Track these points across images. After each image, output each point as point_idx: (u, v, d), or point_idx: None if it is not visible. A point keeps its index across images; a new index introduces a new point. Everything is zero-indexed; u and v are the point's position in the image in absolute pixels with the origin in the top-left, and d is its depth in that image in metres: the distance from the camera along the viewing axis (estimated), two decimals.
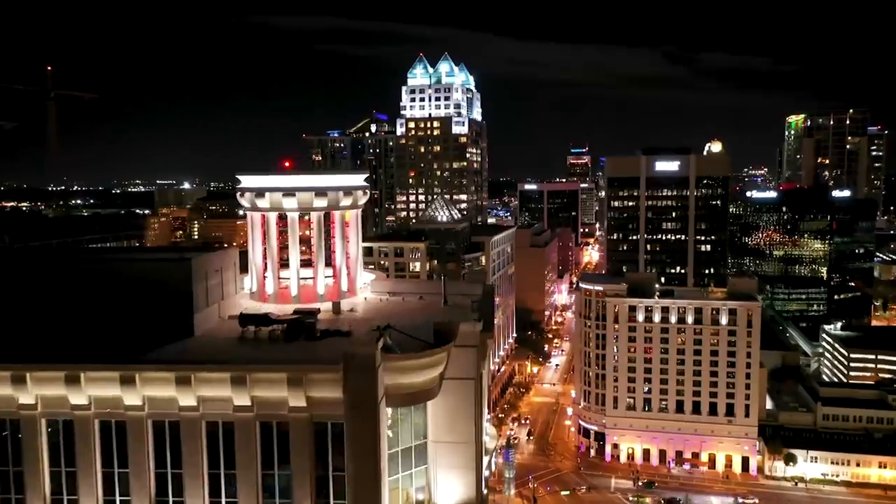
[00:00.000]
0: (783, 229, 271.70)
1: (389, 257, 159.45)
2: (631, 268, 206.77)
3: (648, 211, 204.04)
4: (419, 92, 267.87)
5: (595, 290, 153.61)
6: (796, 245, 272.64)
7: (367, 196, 65.99)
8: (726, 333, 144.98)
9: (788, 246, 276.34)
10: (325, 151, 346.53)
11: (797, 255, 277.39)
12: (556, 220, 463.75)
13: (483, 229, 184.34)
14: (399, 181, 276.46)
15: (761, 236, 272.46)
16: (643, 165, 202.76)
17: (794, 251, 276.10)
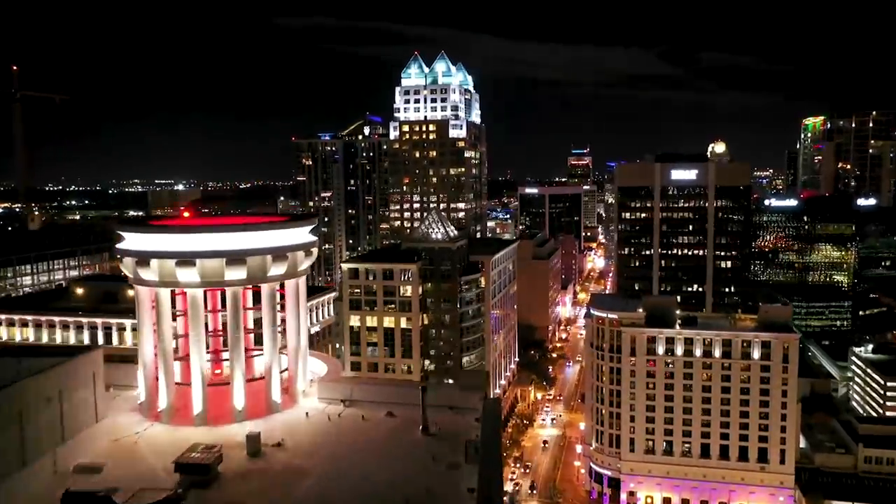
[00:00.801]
0: (804, 239, 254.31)
1: (377, 280, 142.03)
2: (644, 285, 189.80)
3: (663, 223, 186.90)
4: (414, 93, 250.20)
5: (609, 318, 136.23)
6: (817, 255, 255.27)
7: (313, 256, 47.99)
8: (759, 369, 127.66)
9: (808, 255, 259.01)
10: (316, 155, 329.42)
11: (814, 263, 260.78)
12: (558, 224, 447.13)
13: (482, 247, 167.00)
14: (393, 189, 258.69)
15: (780, 246, 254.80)
16: (657, 174, 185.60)
17: (813, 259, 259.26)
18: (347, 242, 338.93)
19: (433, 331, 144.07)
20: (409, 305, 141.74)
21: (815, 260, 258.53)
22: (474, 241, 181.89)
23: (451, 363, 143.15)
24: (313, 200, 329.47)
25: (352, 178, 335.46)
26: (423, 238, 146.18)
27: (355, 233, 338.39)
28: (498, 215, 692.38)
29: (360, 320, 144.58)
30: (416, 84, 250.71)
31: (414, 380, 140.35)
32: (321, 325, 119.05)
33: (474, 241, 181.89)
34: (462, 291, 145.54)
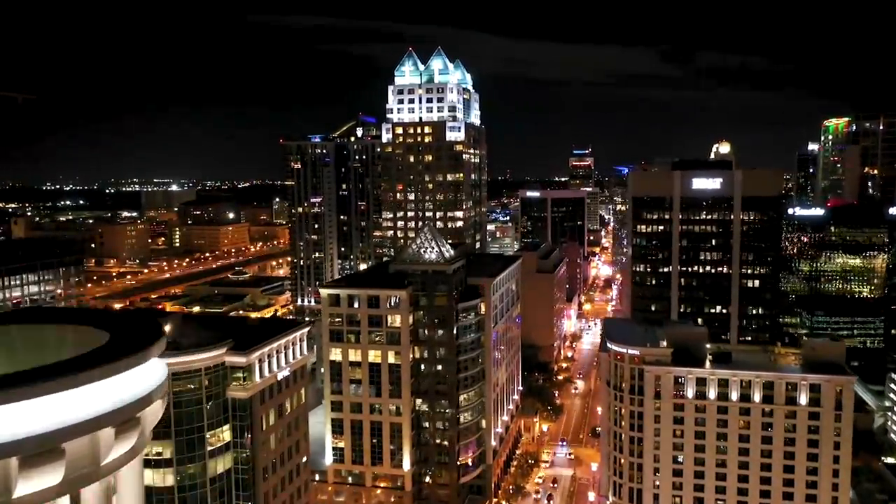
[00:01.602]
0: (829, 248, 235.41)
1: (361, 308, 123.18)
2: (661, 306, 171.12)
3: (683, 238, 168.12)
4: (408, 92, 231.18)
5: (629, 353, 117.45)
6: (843, 265, 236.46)
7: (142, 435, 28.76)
8: (806, 416, 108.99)
9: (833, 264, 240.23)
10: (306, 158, 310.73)
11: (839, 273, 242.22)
12: (561, 228, 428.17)
13: (481, 265, 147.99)
14: (385, 196, 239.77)
15: (805, 257, 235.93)
16: (677, 183, 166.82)
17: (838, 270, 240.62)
18: (339, 250, 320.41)
19: (425, 366, 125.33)
20: (398, 337, 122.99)
21: (841, 270, 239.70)
22: (473, 258, 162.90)
23: (446, 409, 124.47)
24: (302, 206, 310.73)
25: (344, 183, 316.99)
26: (414, 259, 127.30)
27: (347, 240, 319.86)
28: (498, 217, 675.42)
29: (341, 354, 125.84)
30: (411, 83, 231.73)
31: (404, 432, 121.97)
32: (291, 367, 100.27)
33: (473, 258, 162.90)
34: (459, 320, 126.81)
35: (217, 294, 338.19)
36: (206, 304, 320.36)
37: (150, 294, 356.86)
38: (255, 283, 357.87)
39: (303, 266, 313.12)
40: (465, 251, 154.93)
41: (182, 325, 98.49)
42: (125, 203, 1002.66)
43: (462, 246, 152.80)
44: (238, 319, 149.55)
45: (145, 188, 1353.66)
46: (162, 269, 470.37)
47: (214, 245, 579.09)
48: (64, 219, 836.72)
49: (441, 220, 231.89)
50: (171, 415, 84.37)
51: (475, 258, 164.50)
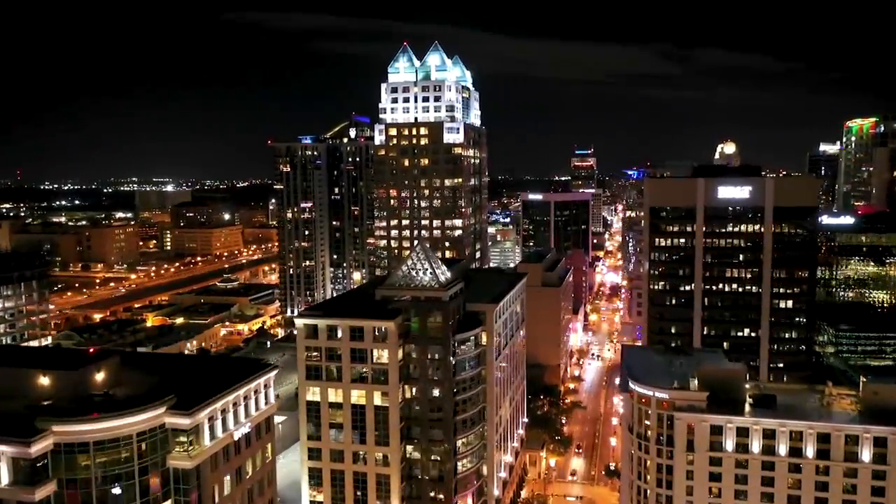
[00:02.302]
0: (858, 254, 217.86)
1: (343, 340, 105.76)
2: (681, 328, 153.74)
3: (707, 253, 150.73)
4: (403, 90, 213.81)
5: (656, 397, 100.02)
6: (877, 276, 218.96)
7: None
8: (869, 476, 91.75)
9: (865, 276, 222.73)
10: (295, 161, 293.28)
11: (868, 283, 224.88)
12: (564, 233, 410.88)
13: (482, 284, 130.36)
14: (378, 202, 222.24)
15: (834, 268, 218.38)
16: (700, 192, 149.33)
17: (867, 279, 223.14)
18: (332, 258, 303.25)
19: (417, 407, 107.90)
20: (386, 375, 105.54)
21: (872, 281, 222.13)
22: (472, 274, 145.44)
23: (442, 457, 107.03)
24: (292, 211, 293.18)
25: (336, 186, 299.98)
26: (404, 283, 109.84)
27: (340, 247, 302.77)
28: (498, 218, 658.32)
29: (320, 393, 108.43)
30: (406, 80, 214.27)
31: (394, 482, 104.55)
32: (253, 421, 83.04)
33: (472, 274, 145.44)
34: (457, 354, 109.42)
35: (203, 304, 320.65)
36: (190, 315, 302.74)
37: (133, 303, 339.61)
38: (243, 291, 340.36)
39: (292, 275, 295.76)
40: (463, 269, 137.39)
41: (120, 370, 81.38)
42: (121, 203, 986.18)
43: (459, 265, 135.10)
44: (194, 359, 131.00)
45: (143, 187, 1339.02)
46: (149, 274, 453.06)
47: (207, 248, 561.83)
48: (57, 220, 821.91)
49: (438, 229, 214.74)
50: (93, 494, 67.28)
51: (475, 275, 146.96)
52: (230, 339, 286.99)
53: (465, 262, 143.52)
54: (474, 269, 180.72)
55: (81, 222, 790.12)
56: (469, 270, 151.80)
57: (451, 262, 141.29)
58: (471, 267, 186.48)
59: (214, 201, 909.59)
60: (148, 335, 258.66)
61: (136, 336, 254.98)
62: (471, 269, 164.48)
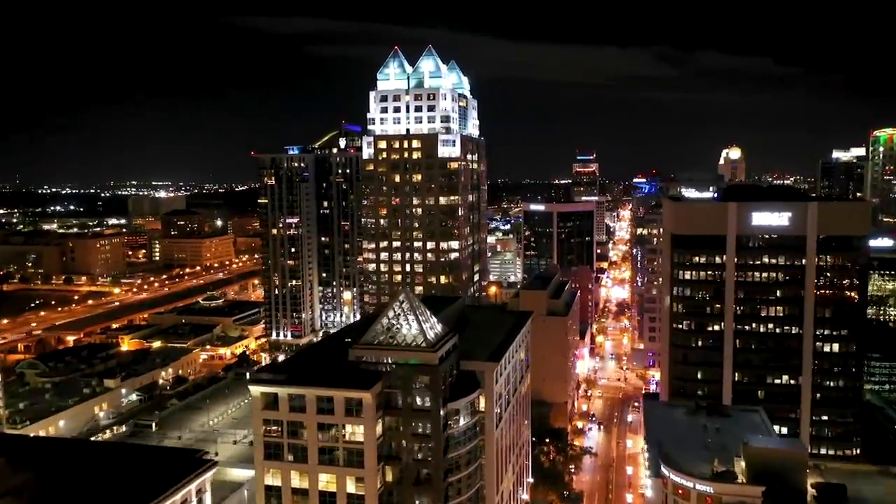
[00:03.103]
0: None
1: (308, 413, 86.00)
2: (709, 374, 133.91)
3: (739, 288, 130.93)
4: (393, 99, 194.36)
5: (697, 490, 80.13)
6: None
7: None
8: None
9: None
10: (281, 173, 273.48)
11: None
12: (567, 245, 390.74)
13: (479, 331, 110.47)
14: (366, 223, 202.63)
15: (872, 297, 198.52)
16: (732, 218, 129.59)
17: None
18: (320, 276, 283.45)
19: (400, 495, 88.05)
20: (361, 455, 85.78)
21: None
22: (469, 313, 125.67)
23: None
24: (277, 227, 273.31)
25: (325, 200, 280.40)
26: (384, 341, 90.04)
27: (329, 264, 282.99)
28: (498, 225, 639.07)
29: (281, 477, 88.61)
30: (396, 88, 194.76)
31: None
32: None
33: (469, 313, 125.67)
34: (449, 426, 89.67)
35: (184, 324, 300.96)
36: (168, 338, 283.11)
37: (111, 323, 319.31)
38: (228, 310, 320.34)
39: (278, 295, 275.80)
40: (457, 311, 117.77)
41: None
42: (116, 209, 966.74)
43: (452, 307, 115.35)
44: (94, 450, 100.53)
45: (142, 191, 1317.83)
46: (132, 288, 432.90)
47: (197, 259, 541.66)
48: (48, 227, 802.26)
49: (432, 252, 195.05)
50: None
51: (472, 313, 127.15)
52: (211, 365, 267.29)
53: (460, 302, 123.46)
54: (472, 306, 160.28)
55: (73, 229, 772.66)
56: (466, 307, 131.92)
57: (444, 301, 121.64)
58: (468, 303, 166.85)
59: (209, 207, 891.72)
60: (120, 362, 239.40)
61: (106, 364, 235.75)
62: (468, 304, 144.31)
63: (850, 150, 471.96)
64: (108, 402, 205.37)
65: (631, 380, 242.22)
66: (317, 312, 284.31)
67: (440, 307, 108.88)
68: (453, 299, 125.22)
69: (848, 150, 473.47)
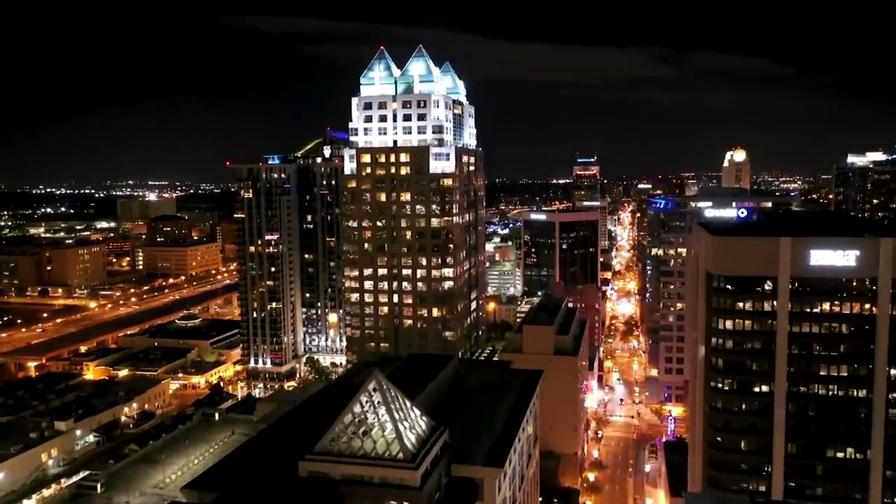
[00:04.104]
0: None
1: None
2: (754, 444, 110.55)
3: (794, 341, 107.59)
4: (378, 106, 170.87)
5: None
6: None
7: None
8: None
9: None
10: (259, 185, 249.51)
11: None
12: (570, 256, 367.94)
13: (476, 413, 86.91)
14: (348, 247, 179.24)
15: None
16: (785, 256, 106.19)
17: None
18: (303, 297, 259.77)
19: None
20: None
21: None
22: (463, 375, 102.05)
23: None
24: (255, 245, 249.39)
25: (309, 213, 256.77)
26: (347, 449, 66.31)
27: (314, 284, 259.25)
28: (496, 230, 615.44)
29: None
30: (382, 94, 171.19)
31: None
32: None
33: (463, 375, 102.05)
34: None
35: (157, 348, 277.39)
36: (139, 364, 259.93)
37: (79, 345, 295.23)
38: (205, 331, 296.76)
39: (256, 318, 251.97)
40: (449, 377, 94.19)
41: None
42: (106, 212, 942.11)
43: (443, 374, 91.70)
44: None
45: (137, 191, 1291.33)
46: (110, 302, 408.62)
47: (181, 268, 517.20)
48: (35, 231, 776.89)
49: (423, 280, 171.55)
50: None
51: (467, 376, 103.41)
52: (183, 395, 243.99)
53: (452, 366, 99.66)
54: (468, 361, 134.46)
55: (60, 233, 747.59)
56: (461, 364, 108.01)
57: (432, 363, 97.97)
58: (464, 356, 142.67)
59: (200, 210, 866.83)
60: (80, 396, 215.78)
61: (63, 399, 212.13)
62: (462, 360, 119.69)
63: (867, 154, 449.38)
64: (59, 447, 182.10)
65: (644, 415, 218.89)
66: (300, 336, 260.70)
67: (427, 376, 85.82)
68: (444, 359, 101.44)
69: (864, 155, 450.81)
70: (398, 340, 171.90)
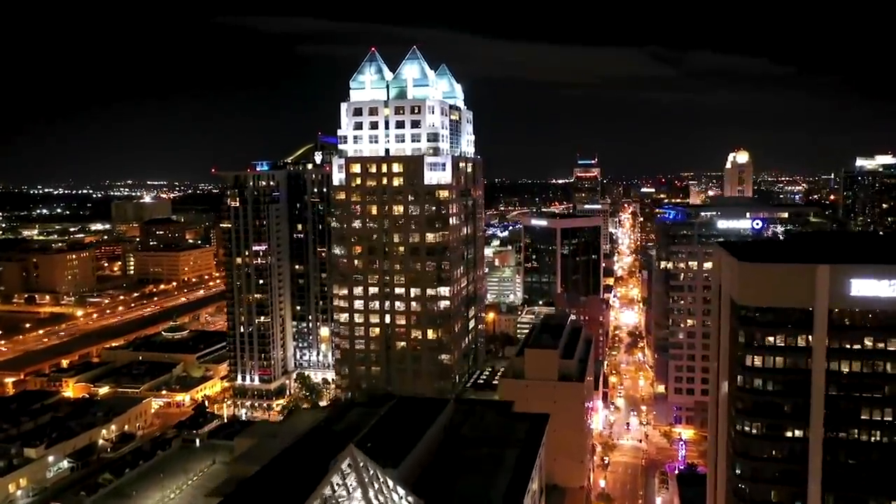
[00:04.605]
0: None
1: None
2: (785, 495, 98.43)
3: (832, 382, 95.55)
4: (369, 113, 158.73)
5: None
6: None
7: None
8: None
9: None
10: (246, 194, 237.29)
11: None
12: (572, 263, 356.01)
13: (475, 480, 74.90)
14: (336, 262, 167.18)
15: None
16: (822, 285, 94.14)
17: None
18: (294, 310, 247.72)
19: None
20: None
21: None
22: (457, 422, 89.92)
23: None
24: (243, 256, 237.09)
25: (299, 223, 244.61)
26: None
27: (304, 296, 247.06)
28: (496, 232, 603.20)
29: None
30: (373, 99, 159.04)
31: None
32: None
33: (457, 422, 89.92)
34: None
35: (141, 363, 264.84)
36: (121, 380, 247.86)
37: (61, 359, 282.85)
38: (192, 343, 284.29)
39: (243, 333, 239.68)
40: (440, 429, 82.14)
41: None
42: (102, 213, 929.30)
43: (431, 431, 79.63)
44: None
45: (136, 191, 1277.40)
46: (97, 310, 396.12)
47: (173, 274, 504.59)
48: (28, 233, 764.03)
49: (417, 300, 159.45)
50: None
51: (463, 424, 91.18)
52: (166, 414, 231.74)
53: (445, 415, 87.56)
54: (464, 406, 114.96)
55: (54, 235, 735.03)
56: (456, 410, 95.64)
57: (422, 410, 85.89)
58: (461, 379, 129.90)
59: (198, 212, 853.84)
60: (56, 417, 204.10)
61: (37, 421, 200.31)
62: (458, 401, 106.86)
63: (876, 157, 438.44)
64: (28, 476, 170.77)
65: (653, 437, 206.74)
66: (290, 351, 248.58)
67: (418, 429, 73.98)
68: (437, 405, 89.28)
69: (873, 158, 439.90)
70: (390, 364, 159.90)
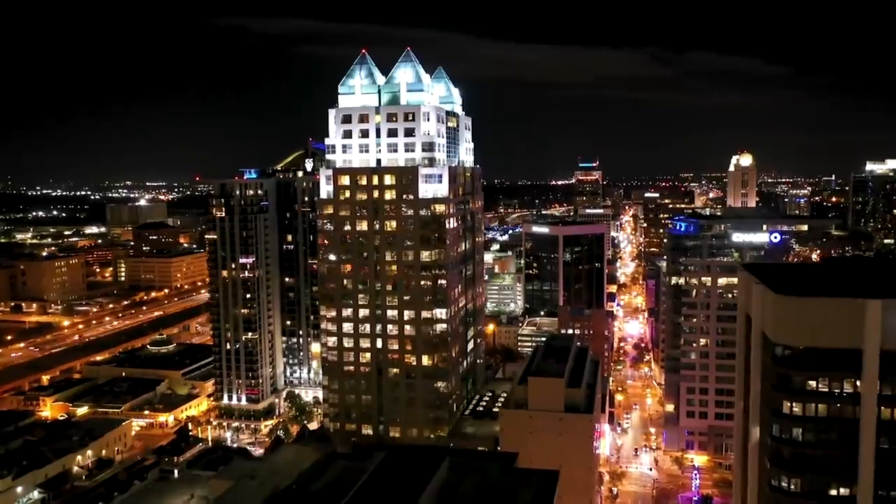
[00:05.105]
0: None
1: None
2: None
3: (882, 433, 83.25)
4: (359, 120, 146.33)
5: None
6: None
7: None
8: None
9: None
10: (233, 203, 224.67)
11: None
12: (574, 271, 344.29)
13: None
14: (324, 282, 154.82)
15: None
16: (872, 322, 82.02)
17: None
18: (283, 325, 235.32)
19: None
20: None
21: None
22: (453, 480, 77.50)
23: None
24: (229, 269, 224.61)
25: (288, 233, 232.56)
26: None
27: (295, 311, 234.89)
28: (495, 236, 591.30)
29: None
30: (364, 105, 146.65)
31: None
32: None
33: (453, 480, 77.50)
34: None
35: (123, 379, 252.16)
36: (102, 399, 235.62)
37: (41, 374, 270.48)
38: (178, 358, 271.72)
39: (230, 350, 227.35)
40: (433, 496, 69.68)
41: None
42: (98, 216, 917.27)
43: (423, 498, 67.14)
44: None
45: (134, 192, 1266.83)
46: (79, 323, 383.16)
47: (165, 281, 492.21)
48: (22, 237, 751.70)
49: (411, 324, 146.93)
50: None
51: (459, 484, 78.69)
52: (148, 436, 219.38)
53: (439, 479, 75.05)
54: (462, 460, 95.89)
55: (47, 239, 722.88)
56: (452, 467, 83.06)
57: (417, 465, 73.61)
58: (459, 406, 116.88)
59: (193, 215, 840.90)
60: (28, 442, 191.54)
61: (8, 446, 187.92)
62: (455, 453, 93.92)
63: (886, 161, 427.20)
64: None
65: (663, 462, 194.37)
66: (279, 368, 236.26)
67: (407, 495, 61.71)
68: (431, 462, 76.82)
69: (884, 162, 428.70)
70: (382, 393, 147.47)
